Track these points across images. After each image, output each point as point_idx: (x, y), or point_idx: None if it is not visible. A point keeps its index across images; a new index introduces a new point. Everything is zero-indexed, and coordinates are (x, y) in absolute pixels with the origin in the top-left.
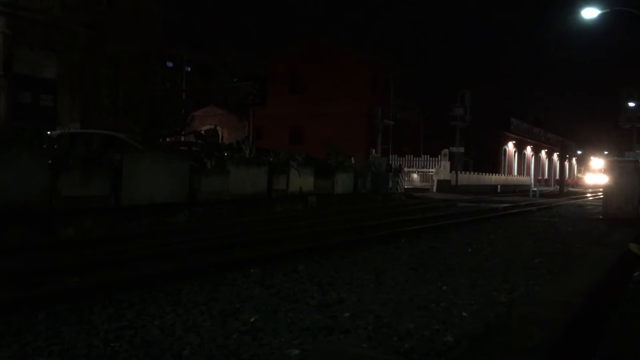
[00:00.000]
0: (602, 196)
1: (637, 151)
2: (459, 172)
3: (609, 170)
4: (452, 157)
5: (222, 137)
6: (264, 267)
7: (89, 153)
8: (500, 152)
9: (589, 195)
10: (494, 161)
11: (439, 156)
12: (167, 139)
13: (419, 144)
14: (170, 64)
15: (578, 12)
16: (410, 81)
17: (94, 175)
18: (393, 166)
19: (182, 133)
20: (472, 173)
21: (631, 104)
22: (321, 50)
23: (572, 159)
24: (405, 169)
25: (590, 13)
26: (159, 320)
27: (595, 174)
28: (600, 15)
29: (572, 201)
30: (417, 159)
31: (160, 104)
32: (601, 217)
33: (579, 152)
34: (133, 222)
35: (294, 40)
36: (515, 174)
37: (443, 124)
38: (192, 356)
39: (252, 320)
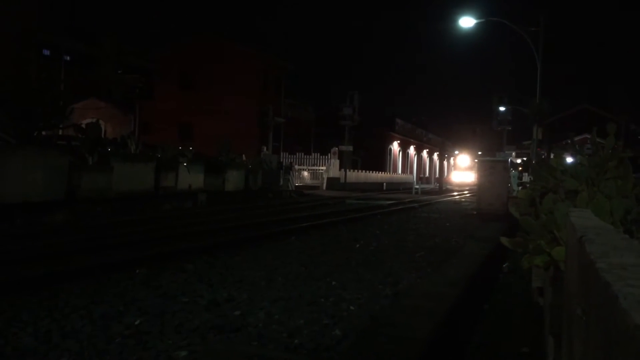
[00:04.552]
0: (468, 194)
1: (506, 152)
2: (348, 170)
3: (481, 169)
4: (341, 156)
5: (106, 131)
6: (150, 268)
7: None
8: (386, 151)
9: (455, 193)
10: (381, 160)
11: (329, 154)
12: (44, 133)
13: (310, 143)
14: (47, 52)
15: (456, 21)
16: (302, 81)
17: None
18: (284, 164)
19: (61, 127)
20: (360, 171)
21: (502, 109)
22: (213, 46)
23: (450, 159)
24: (296, 167)
25: (467, 22)
26: (32, 327)
27: (462, 172)
28: (477, 25)
29: (450, 198)
30: (308, 157)
31: (36, 95)
32: (475, 212)
33: (457, 152)
34: (3, 222)
35: (188, 34)
36: (400, 172)
37: (333, 123)
38: None
39: (137, 323)
